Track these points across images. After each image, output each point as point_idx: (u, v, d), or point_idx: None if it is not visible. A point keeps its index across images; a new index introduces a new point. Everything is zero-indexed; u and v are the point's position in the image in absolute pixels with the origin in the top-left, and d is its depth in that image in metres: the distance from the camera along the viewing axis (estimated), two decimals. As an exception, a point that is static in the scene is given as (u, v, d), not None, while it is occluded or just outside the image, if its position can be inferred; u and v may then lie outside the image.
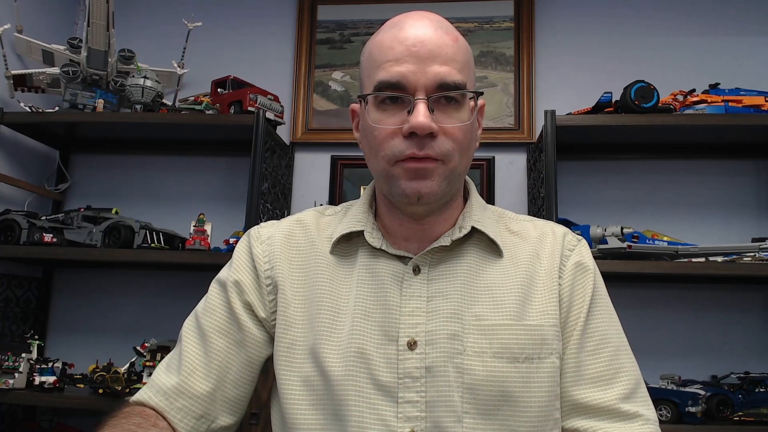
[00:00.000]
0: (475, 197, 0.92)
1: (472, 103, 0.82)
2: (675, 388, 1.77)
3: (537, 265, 0.86)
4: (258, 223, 1.91)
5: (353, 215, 0.90)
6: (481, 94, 0.84)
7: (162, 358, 1.90)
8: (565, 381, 0.82)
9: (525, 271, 0.85)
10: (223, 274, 0.91)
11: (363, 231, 0.87)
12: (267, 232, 0.91)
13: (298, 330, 0.84)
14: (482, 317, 0.80)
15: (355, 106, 0.91)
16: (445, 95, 0.79)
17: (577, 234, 0.93)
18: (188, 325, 0.89)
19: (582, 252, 0.89)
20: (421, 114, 0.76)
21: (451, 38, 0.81)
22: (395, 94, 0.79)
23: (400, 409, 0.77)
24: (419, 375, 0.78)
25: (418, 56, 0.78)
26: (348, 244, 0.88)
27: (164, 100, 2.20)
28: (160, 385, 0.85)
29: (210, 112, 2.09)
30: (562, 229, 0.92)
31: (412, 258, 0.83)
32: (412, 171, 0.78)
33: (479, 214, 0.88)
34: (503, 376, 0.78)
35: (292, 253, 0.89)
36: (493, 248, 0.86)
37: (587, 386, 0.82)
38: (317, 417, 0.79)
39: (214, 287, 0.91)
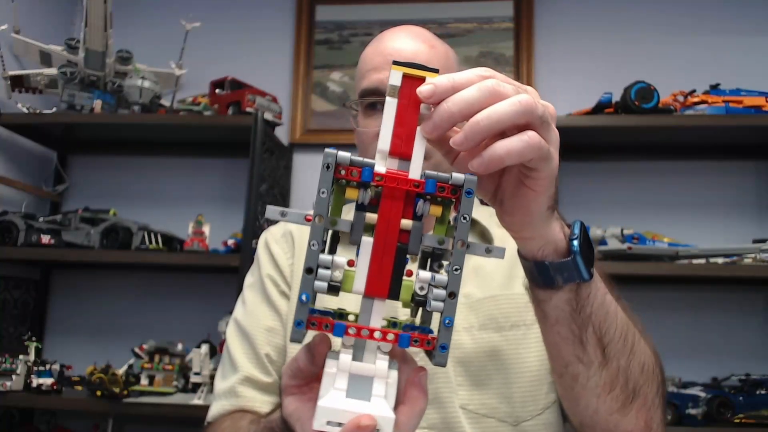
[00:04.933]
0: None
1: None
2: (675, 390, 1.77)
3: None
4: (256, 225, 1.90)
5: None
6: None
7: (160, 359, 1.90)
8: None
9: (512, 250, 0.89)
10: (252, 277, 0.98)
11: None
12: (279, 230, 1.00)
13: None
14: (470, 296, 0.85)
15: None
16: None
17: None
18: (231, 333, 0.94)
19: None
20: None
21: (427, 45, 0.88)
22: (374, 100, 0.87)
23: None
24: (416, 350, 0.81)
25: None
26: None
27: (162, 101, 2.19)
28: (224, 391, 0.89)
29: (208, 113, 2.08)
30: None
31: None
32: None
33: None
34: (491, 346, 0.83)
35: (303, 245, 0.94)
36: (483, 239, 0.92)
37: None
38: None
39: (248, 292, 0.97)
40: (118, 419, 1.98)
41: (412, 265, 0.48)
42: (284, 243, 0.97)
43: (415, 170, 0.46)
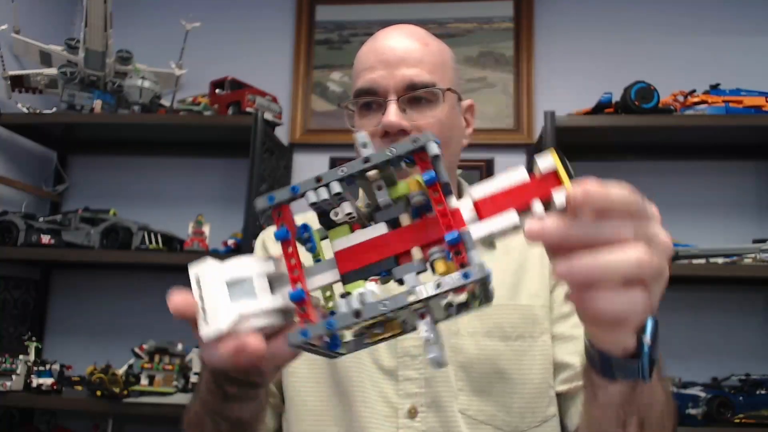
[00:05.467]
0: None
1: (451, 102, 0.87)
2: (675, 390, 1.76)
3: (529, 253, 0.91)
4: (256, 225, 1.90)
5: None
6: (449, 90, 0.88)
7: (160, 359, 1.90)
8: (564, 350, 0.86)
9: (516, 258, 0.90)
10: None
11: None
12: None
13: None
14: None
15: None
16: (414, 95, 0.84)
17: None
18: None
19: None
20: (391, 113, 0.82)
21: (420, 43, 0.87)
22: (369, 99, 0.85)
23: (401, 386, 0.81)
24: (417, 353, 0.82)
25: (387, 62, 0.85)
26: None
27: (162, 101, 2.19)
28: None
29: (208, 113, 2.08)
30: None
31: None
32: None
33: None
34: (496, 354, 0.82)
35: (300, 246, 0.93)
36: (484, 241, 0.91)
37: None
38: (320, 394, 0.83)
39: None
40: (118, 419, 1.98)
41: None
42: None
43: (477, 231, 0.44)
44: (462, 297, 0.47)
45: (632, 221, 0.43)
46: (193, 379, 1.84)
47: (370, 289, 0.43)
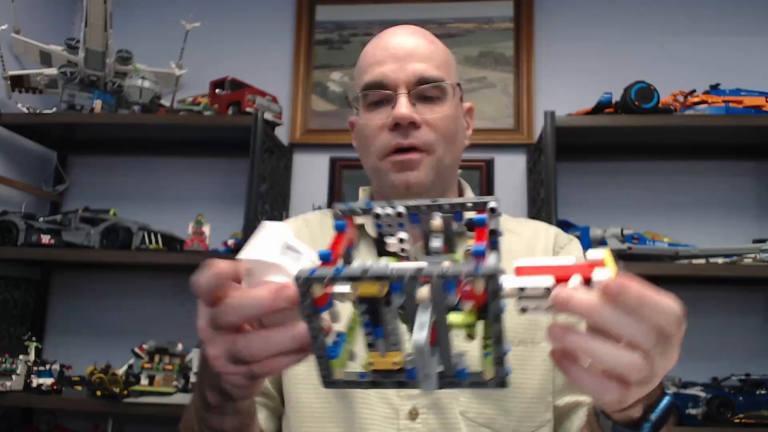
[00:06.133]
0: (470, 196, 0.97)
1: (455, 100, 0.89)
2: (675, 390, 1.76)
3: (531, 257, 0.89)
4: (256, 225, 1.90)
5: None
6: (458, 85, 0.90)
7: (160, 359, 1.90)
8: None
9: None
10: None
11: (363, 225, 0.91)
12: None
13: None
14: None
15: (353, 118, 0.98)
16: (424, 89, 0.85)
17: (576, 234, 0.95)
18: None
19: (573, 249, 0.93)
20: (402, 105, 0.83)
21: (427, 40, 0.89)
22: (379, 92, 0.86)
23: None
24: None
25: (396, 56, 0.86)
26: None
27: (162, 101, 2.19)
28: None
29: (208, 113, 2.08)
30: (554, 228, 0.97)
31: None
32: (399, 164, 0.85)
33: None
34: None
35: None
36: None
37: None
38: (320, 395, 0.83)
39: None
40: (118, 419, 1.98)
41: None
42: None
43: (509, 282, 0.42)
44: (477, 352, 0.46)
45: (656, 334, 0.42)
46: (193, 379, 1.84)
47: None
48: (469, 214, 0.48)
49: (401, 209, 0.47)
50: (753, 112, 1.89)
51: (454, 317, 0.42)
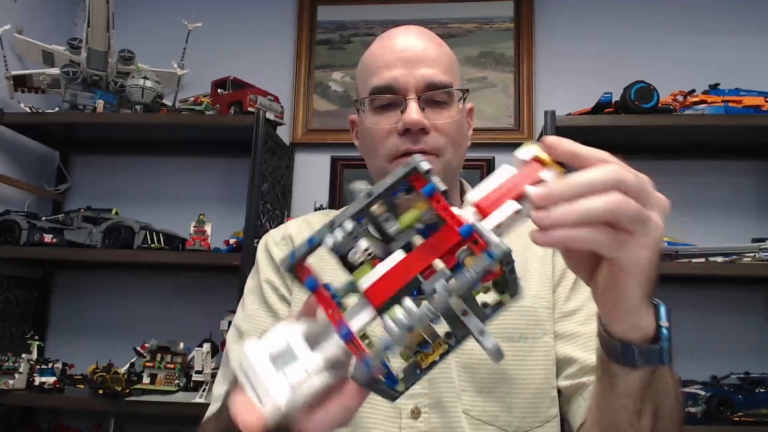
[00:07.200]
0: None
1: (460, 104, 0.89)
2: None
3: (530, 254, 0.91)
4: (258, 225, 1.91)
5: None
6: (467, 91, 0.90)
7: (162, 358, 1.91)
8: (569, 347, 0.86)
9: (518, 259, 0.89)
10: (252, 281, 0.97)
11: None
12: (279, 233, 0.99)
13: None
14: None
15: (353, 117, 0.98)
16: (433, 94, 0.86)
17: None
18: (230, 338, 0.94)
19: None
20: (413, 111, 0.83)
21: (435, 44, 0.90)
22: (388, 96, 0.86)
23: None
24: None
25: (406, 60, 0.86)
26: None
27: (164, 101, 2.20)
28: (219, 395, 0.89)
29: (210, 112, 2.09)
30: None
31: None
32: None
33: None
34: None
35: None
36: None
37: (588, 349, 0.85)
38: None
39: (247, 297, 0.96)
40: (120, 418, 1.98)
41: None
42: (284, 245, 0.97)
43: (486, 225, 0.46)
44: (493, 296, 0.50)
45: (614, 175, 0.47)
46: (195, 377, 1.84)
47: (407, 305, 0.44)
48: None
49: (349, 227, 0.46)
50: (752, 111, 1.90)
51: (484, 297, 0.49)
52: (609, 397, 0.63)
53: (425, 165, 0.46)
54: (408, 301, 0.44)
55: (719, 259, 1.82)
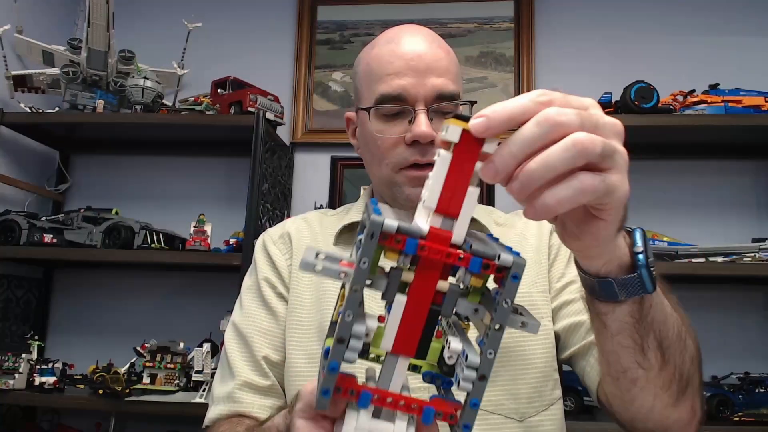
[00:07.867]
0: None
1: (466, 110, 0.89)
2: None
3: (524, 244, 0.92)
4: (258, 224, 1.91)
5: (355, 212, 0.99)
6: (475, 102, 0.90)
7: (162, 358, 1.91)
8: (571, 314, 0.87)
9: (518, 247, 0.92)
10: (250, 279, 0.98)
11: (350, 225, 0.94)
12: (277, 232, 1.00)
13: (305, 310, 0.90)
14: None
15: (350, 114, 0.97)
16: (442, 105, 0.85)
17: None
18: (229, 336, 0.94)
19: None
20: (423, 123, 0.83)
21: (444, 51, 0.88)
22: (398, 106, 0.85)
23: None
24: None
25: (416, 70, 0.85)
26: (350, 235, 0.95)
27: (164, 101, 2.20)
28: (222, 396, 0.89)
29: (210, 112, 2.09)
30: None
31: None
32: (416, 179, 0.85)
33: None
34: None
35: (301, 246, 0.96)
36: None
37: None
38: None
39: (245, 295, 0.97)
40: (120, 417, 1.99)
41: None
42: (282, 244, 0.97)
43: (460, 233, 0.43)
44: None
45: (553, 117, 0.45)
46: (195, 377, 1.84)
47: (453, 347, 0.43)
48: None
49: (361, 331, 0.42)
50: (752, 111, 1.90)
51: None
52: (606, 339, 0.63)
53: (391, 223, 0.41)
54: (454, 343, 0.43)
55: (719, 259, 1.82)
